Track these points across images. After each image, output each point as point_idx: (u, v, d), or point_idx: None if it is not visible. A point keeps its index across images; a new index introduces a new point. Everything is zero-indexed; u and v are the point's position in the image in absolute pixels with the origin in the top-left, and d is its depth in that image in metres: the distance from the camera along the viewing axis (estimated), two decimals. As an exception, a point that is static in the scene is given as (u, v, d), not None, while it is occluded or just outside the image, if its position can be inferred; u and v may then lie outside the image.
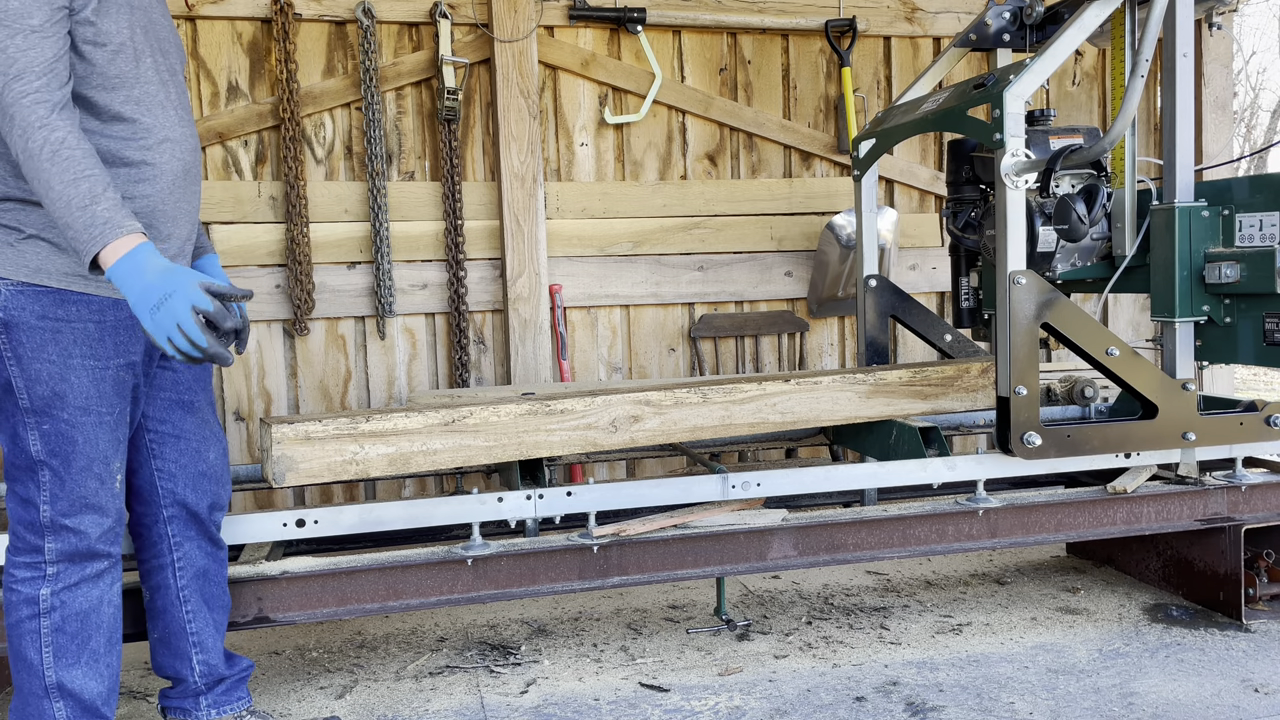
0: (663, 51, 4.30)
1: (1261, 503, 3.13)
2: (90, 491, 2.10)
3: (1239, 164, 7.68)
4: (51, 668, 2.11)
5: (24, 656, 2.12)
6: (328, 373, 4.05)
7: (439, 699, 2.80)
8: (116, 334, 2.10)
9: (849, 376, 3.07)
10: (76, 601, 2.13)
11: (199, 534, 2.38)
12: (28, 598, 2.10)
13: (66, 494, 2.08)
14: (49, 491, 2.08)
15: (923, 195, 4.64)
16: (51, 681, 2.11)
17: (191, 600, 2.38)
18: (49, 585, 2.11)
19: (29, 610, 2.10)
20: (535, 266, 4.10)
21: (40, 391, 2.04)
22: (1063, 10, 3.17)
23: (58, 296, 2.03)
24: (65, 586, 2.12)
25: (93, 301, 2.06)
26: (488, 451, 2.68)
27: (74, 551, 2.11)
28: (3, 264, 2.01)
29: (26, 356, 2.02)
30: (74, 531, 2.10)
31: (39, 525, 2.09)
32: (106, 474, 2.12)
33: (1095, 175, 3.00)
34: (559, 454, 2.82)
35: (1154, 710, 2.59)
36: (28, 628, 2.10)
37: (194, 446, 2.35)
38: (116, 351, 2.10)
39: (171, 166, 2.14)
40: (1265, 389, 8.43)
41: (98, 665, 2.17)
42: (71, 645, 2.13)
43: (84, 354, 2.06)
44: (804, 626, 3.24)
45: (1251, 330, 2.85)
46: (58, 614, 2.11)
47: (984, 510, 2.95)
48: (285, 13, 3.83)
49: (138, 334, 2.13)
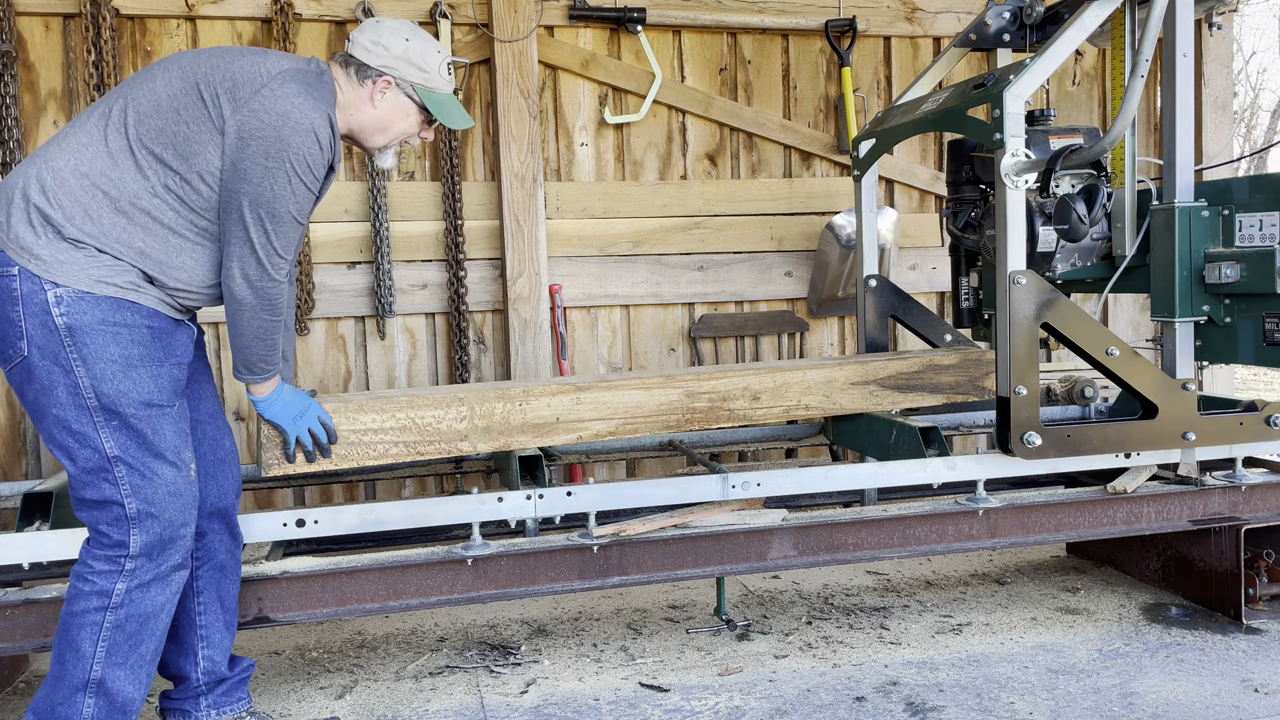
0: (663, 51, 4.30)
1: (1261, 503, 3.13)
2: (169, 479, 2.20)
3: (1239, 164, 7.68)
4: (101, 662, 2.16)
5: (77, 646, 2.16)
6: (328, 372, 4.05)
7: (439, 699, 2.80)
8: (164, 338, 2.22)
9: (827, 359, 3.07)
10: (144, 603, 2.19)
11: (223, 526, 2.45)
12: (101, 589, 2.16)
13: (148, 483, 2.17)
14: (129, 484, 2.16)
15: (923, 195, 4.64)
16: (95, 676, 2.16)
17: (205, 593, 2.42)
18: (125, 581, 2.17)
19: (99, 602, 2.16)
20: (535, 266, 4.10)
21: (106, 390, 2.12)
22: (1063, 10, 3.17)
23: (115, 303, 2.14)
24: (139, 584, 2.18)
25: (142, 309, 2.18)
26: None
27: (158, 541, 2.18)
28: (66, 273, 2.10)
29: (91, 357, 2.11)
30: (158, 519, 2.18)
31: (124, 520, 2.16)
32: (180, 462, 2.23)
33: (1095, 175, 3.00)
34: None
35: (1154, 710, 2.59)
36: (91, 619, 2.16)
37: (211, 436, 2.45)
38: (167, 353, 2.23)
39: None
40: (1265, 389, 8.43)
41: (140, 672, 2.22)
42: (125, 645, 2.19)
43: (143, 354, 2.17)
44: (804, 626, 3.24)
45: (1251, 330, 2.84)
46: (123, 611, 2.17)
47: (984, 510, 2.95)
48: (285, 13, 3.83)
49: (179, 340, 2.27)
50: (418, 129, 2.45)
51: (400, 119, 2.40)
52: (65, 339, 2.09)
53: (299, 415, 2.48)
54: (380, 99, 2.36)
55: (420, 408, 2.72)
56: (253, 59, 2.23)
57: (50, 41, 3.76)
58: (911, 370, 3.29)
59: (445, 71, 2.40)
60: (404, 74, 2.35)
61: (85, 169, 2.13)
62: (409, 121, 2.42)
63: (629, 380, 2.97)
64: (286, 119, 2.15)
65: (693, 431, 3.32)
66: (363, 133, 2.40)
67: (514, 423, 2.83)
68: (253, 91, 2.16)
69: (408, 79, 2.36)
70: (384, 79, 2.34)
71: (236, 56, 2.23)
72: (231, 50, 2.27)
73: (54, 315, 2.08)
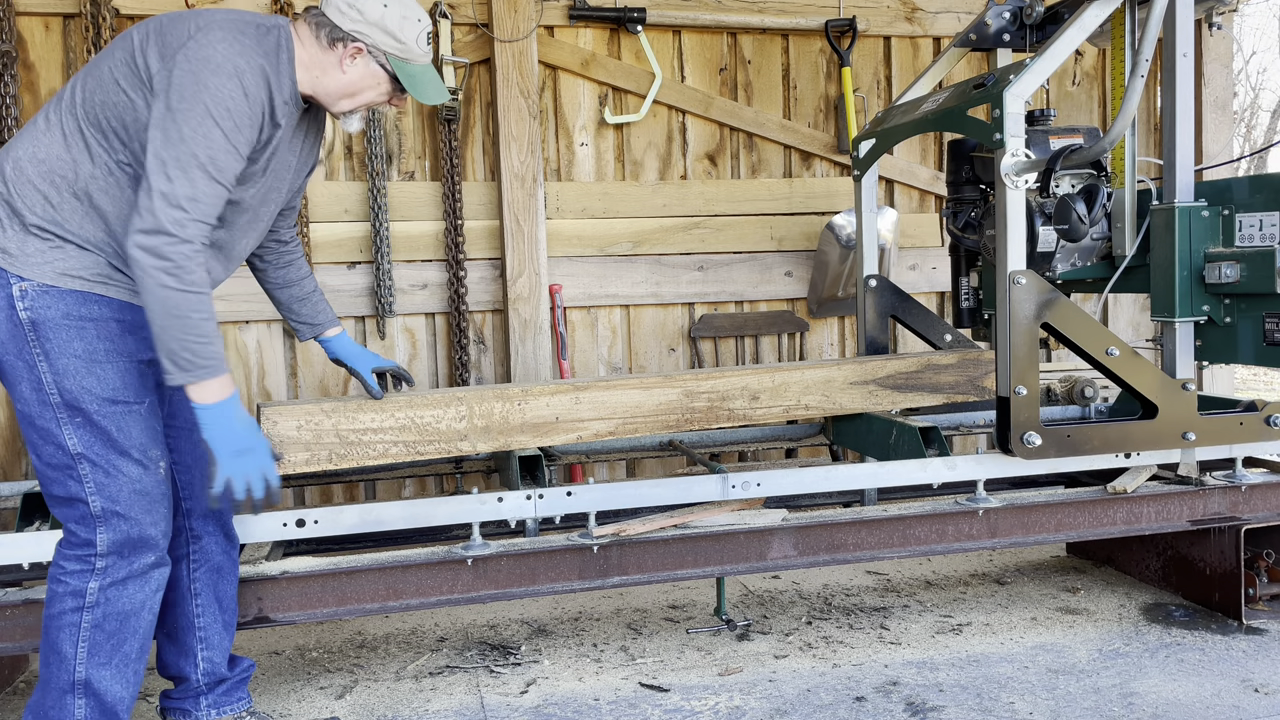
0: (663, 51, 4.30)
1: (1261, 503, 3.13)
2: (134, 478, 2.15)
3: (1239, 164, 7.68)
4: (84, 663, 2.14)
5: (58, 648, 2.14)
6: (328, 372, 4.05)
7: (439, 699, 2.80)
8: (136, 332, 2.15)
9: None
10: (121, 601, 2.16)
11: (217, 528, 2.42)
12: (75, 590, 2.13)
13: (112, 480, 2.12)
14: (93, 482, 2.12)
15: (923, 195, 4.64)
16: (80, 677, 2.14)
17: (203, 595, 2.41)
18: (98, 579, 2.14)
19: (74, 603, 2.13)
20: (535, 266, 4.10)
21: (69, 386, 2.09)
22: (1063, 10, 3.17)
23: (81, 297, 2.09)
24: (113, 582, 2.15)
25: (112, 302, 2.12)
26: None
27: (125, 540, 2.15)
28: (30, 266, 2.07)
29: (54, 353, 2.08)
30: (124, 517, 2.14)
31: (89, 518, 2.13)
32: (148, 461, 2.17)
33: (1095, 175, 3.00)
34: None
35: (1154, 710, 2.59)
36: (69, 620, 2.13)
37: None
38: (139, 348, 2.16)
39: (215, 271, 2.26)
40: (1265, 389, 8.43)
41: (126, 670, 2.20)
42: (107, 644, 2.16)
43: (109, 349, 2.12)
44: (804, 626, 3.24)
45: (1251, 330, 2.84)
46: (100, 610, 2.14)
47: (984, 510, 2.95)
48: (285, 13, 3.83)
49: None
50: (387, 99, 2.30)
51: (369, 87, 2.26)
52: (29, 334, 2.06)
53: (240, 452, 2.14)
54: (350, 65, 2.21)
55: (419, 407, 2.72)
56: (188, 16, 2.12)
57: (50, 41, 3.76)
58: (911, 370, 3.29)
59: (423, 42, 2.24)
60: (377, 41, 2.20)
61: (42, 155, 2.08)
62: (378, 90, 2.27)
63: (628, 380, 2.98)
64: (206, 63, 2.02)
65: (693, 431, 3.32)
66: (328, 96, 2.25)
67: (513, 422, 2.83)
68: (179, 45, 2.05)
69: (381, 47, 2.21)
70: (355, 44, 2.19)
71: (174, 17, 2.13)
72: (173, 13, 2.16)
73: (18, 310, 2.05)
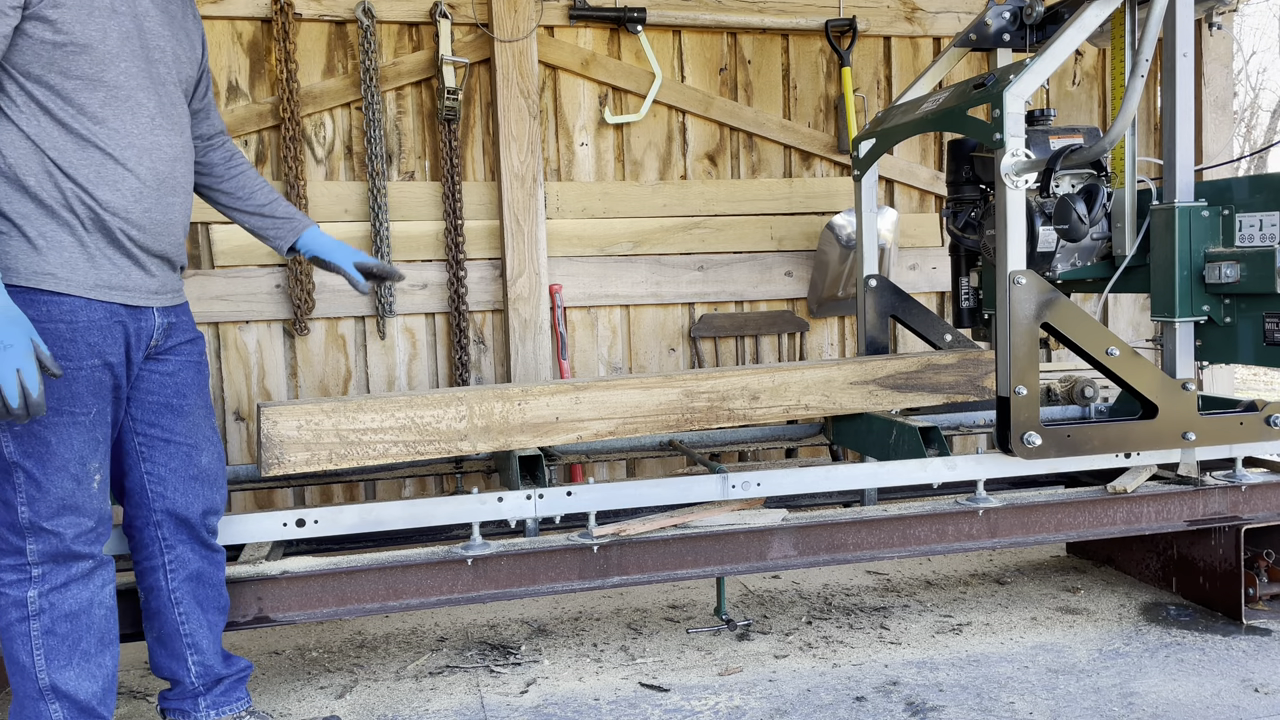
0: (663, 51, 4.30)
1: (1261, 503, 3.13)
2: (67, 492, 2.07)
3: (1239, 164, 7.68)
4: (44, 670, 2.10)
5: (17, 660, 2.11)
6: (328, 372, 4.05)
7: (439, 699, 2.80)
8: (90, 335, 2.07)
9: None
10: (66, 603, 2.12)
11: (190, 538, 2.37)
12: (16, 600, 2.09)
13: (43, 495, 2.06)
14: (25, 493, 2.05)
15: (923, 195, 4.64)
16: (45, 684, 2.11)
17: (184, 602, 2.37)
18: (35, 587, 2.09)
19: (18, 613, 2.09)
20: (535, 266, 4.10)
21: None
22: (1063, 10, 3.17)
23: (27, 297, 2.00)
24: (53, 588, 2.10)
25: (64, 302, 2.04)
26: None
27: (55, 553, 2.09)
28: None
29: None
30: (52, 533, 2.08)
31: (19, 527, 2.07)
32: (84, 474, 2.09)
33: (1095, 175, 3.00)
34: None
35: (1154, 710, 2.59)
36: (18, 630, 2.09)
37: (185, 451, 2.33)
38: (91, 352, 2.08)
39: (142, 174, 2.13)
40: (1265, 389, 8.43)
41: (89, 666, 2.15)
42: (62, 647, 2.12)
43: (54, 354, 2.01)
44: (804, 626, 3.24)
45: (1251, 330, 2.85)
46: (47, 616, 2.10)
47: (984, 510, 2.95)
48: (285, 12, 3.83)
49: (114, 335, 2.11)
50: None
51: None
52: None
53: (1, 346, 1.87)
54: None
55: (419, 407, 2.72)
56: None
57: None
58: (911, 370, 3.29)
59: None
60: None
61: None
62: None
63: (628, 380, 2.98)
64: None
65: (693, 431, 3.32)
66: None
67: (513, 422, 2.83)
68: None
69: None
70: None
71: None
72: None
73: None
